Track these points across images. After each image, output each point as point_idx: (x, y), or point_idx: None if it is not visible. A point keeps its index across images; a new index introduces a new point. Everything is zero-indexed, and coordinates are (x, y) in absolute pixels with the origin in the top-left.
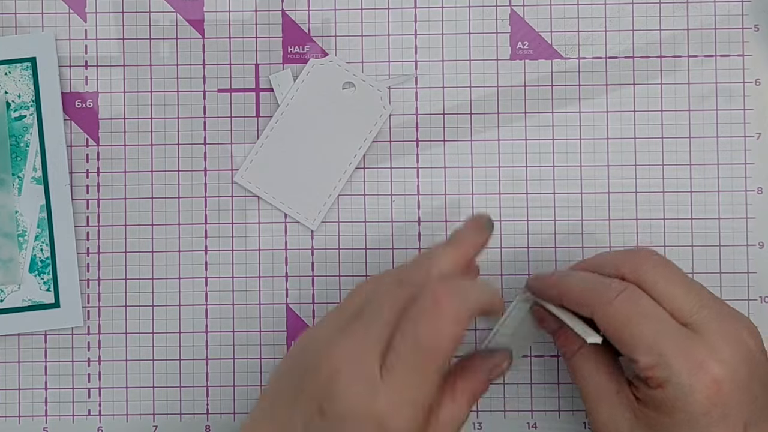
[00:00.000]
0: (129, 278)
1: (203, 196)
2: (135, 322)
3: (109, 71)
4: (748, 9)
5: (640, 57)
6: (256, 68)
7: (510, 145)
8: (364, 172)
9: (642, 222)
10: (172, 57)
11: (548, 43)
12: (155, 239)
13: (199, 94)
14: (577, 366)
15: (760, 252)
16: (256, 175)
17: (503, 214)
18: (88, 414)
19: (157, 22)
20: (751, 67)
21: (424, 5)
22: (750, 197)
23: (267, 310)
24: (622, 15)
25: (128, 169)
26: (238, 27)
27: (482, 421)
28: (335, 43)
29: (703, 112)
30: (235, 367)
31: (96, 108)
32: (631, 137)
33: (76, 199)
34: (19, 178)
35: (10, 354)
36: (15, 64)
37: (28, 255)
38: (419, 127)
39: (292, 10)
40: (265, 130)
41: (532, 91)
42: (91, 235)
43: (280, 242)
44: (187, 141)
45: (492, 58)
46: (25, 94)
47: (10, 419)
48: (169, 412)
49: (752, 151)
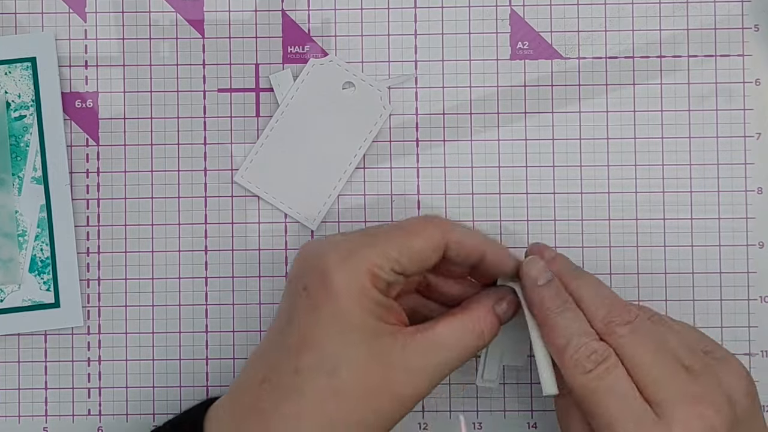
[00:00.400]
0: (129, 278)
1: (203, 196)
2: (135, 322)
3: (109, 71)
4: (748, 9)
5: (640, 57)
6: (256, 68)
7: (510, 145)
8: (364, 172)
9: (642, 222)
10: (172, 57)
11: (548, 43)
12: (155, 239)
13: (199, 94)
14: (561, 407)
15: (760, 252)
16: (256, 175)
17: (503, 214)
18: (88, 414)
19: (157, 22)
20: (751, 67)
21: (424, 5)
22: (750, 197)
23: (267, 310)
24: (622, 15)
25: (128, 169)
26: (238, 27)
27: (482, 421)
28: (335, 43)
29: (703, 112)
30: (235, 367)
31: (96, 108)
32: (631, 137)
33: (76, 199)
34: (19, 178)
35: (10, 354)
36: (15, 64)
37: (28, 255)
38: (419, 127)
39: (292, 10)
40: (265, 130)
41: (532, 91)
42: (91, 235)
43: (280, 242)
44: (187, 141)
45: (492, 58)
46: (25, 94)
47: (10, 419)
48: (169, 412)
49: (752, 151)
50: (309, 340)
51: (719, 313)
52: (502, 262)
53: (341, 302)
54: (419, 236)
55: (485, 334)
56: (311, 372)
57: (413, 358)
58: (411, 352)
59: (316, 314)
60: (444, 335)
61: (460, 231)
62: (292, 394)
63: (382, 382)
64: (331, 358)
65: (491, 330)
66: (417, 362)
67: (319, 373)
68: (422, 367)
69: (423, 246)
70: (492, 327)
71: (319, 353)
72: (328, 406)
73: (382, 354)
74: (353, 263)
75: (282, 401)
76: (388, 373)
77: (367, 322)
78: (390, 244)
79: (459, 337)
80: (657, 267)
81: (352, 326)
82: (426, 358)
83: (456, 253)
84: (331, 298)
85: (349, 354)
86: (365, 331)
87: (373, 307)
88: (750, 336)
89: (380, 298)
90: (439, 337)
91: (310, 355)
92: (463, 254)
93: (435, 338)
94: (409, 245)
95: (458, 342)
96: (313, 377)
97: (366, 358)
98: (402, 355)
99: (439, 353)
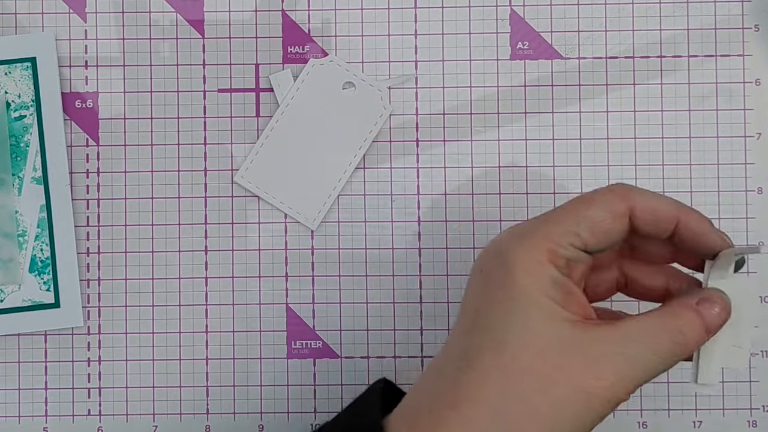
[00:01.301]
0: (129, 278)
1: (203, 196)
2: (135, 322)
3: (109, 71)
4: (748, 9)
5: (640, 57)
6: (256, 68)
7: (510, 145)
8: (364, 172)
9: None
10: (172, 57)
11: (548, 43)
12: (155, 239)
13: (199, 94)
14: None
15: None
16: (256, 175)
17: (503, 214)
18: (88, 414)
19: (157, 22)
20: (751, 67)
21: (424, 5)
22: (750, 197)
23: (267, 310)
24: (622, 15)
25: (128, 169)
26: (238, 27)
27: None
28: (335, 43)
29: (703, 112)
30: (235, 367)
31: (96, 108)
32: (631, 137)
33: (76, 199)
34: (19, 178)
35: (10, 354)
36: (15, 64)
37: (28, 255)
38: (419, 127)
39: (292, 10)
40: (265, 130)
41: (532, 91)
42: (91, 235)
43: (280, 242)
44: (187, 141)
45: (492, 58)
46: (25, 94)
47: (10, 419)
48: (169, 412)
49: (752, 151)
50: (477, 318)
51: None
52: (703, 232)
53: (513, 275)
54: (597, 205)
55: (684, 329)
56: (476, 351)
57: (593, 346)
58: (592, 339)
59: (486, 289)
60: (632, 327)
61: (647, 195)
62: (457, 375)
63: (557, 369)
64: (498, 334)
65: (692, 328)
66: (597, 350)
67: (483, 351)
68: (604, 356)
69: (602, 215)
70: (692, 324)
71: (485, 330)
72: (492, 390)
73: (558, 337)
74: (530, 239)
75: (445, 384)
76: (565, 361)
77: (542, 301)
78: (565, 215)
79: (651, 331)
80: None
81: (524, 301)
82: (608, 347)
83: (644, 221)
84: (503, 272)
85: (517, 329)
86: (540, 309)
87: (548, 286)
88: None
89: (558, 277)
90: (626, 328)
91: (476, 334)
92: (652, 222)
93: (621, 329)
94: (587, 215)
95: (650, 336)
96: (478, 356)
97: (538, 335)
98: (581, 341)
99: (625, 345)
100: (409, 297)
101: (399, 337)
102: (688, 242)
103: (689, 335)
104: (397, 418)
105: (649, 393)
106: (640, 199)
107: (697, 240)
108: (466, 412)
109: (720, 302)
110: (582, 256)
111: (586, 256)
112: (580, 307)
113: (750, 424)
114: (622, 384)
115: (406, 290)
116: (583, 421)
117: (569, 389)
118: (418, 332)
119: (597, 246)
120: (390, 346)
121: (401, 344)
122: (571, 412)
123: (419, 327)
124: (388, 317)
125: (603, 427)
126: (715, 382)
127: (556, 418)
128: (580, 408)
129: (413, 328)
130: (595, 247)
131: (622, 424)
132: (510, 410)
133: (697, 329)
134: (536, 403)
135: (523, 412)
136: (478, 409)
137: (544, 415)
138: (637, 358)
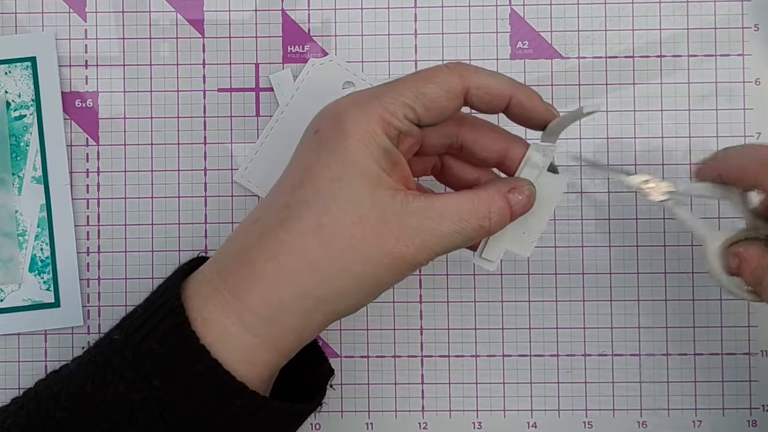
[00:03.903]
0: (129, 278)
1: (203, 196)
2: None
3: (109, 71)
4: (748, 9)
5: (640, 57)
6: (256, 68)
7: None
8: None
9: (642, 222)
10: (172, 57)
11: (548, 43)
12: (155, 239)
13: (199, 94)
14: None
15: None
16: (256, 174)
17: None
18: None
19: (157, 22)
20: (751, 67)
21: (424, 5)
22: None
23: None
24: (622, 15)
25: (128, 169)
26: (238, 27)
27: (482, 420)
28: (335, 43)
29: (703, 112)
30: None
31: (96, 108)
32: (631, 137)
33: (76, 198)
34: (19, 178)
35: (10, 354)
36: (15, 63)
37: (28, 254)
38: None
39: (292, 10)
40: (265, 130)
41: None
42: (91, 235)
43: None
44: (187, 141)
45: (492, 57)
46: (25, 94)
47: None
48: None
49: None
50: (306, 176)
51: (719, 312)
52: (533, 106)
53: (347, 141)
54: (434, 81)
55: (492, 216)
56: (300, 207)
57: (410, 217)
58: (409, 210)
59: (319, 150)
60: (447, 205)
61: (482, 74)
62: (278, 229)
63: (374, 233)
64: (323, 196)
65: (500, 215)
66: (413, 222)
67: (308, 209)
68: (418, 228)
69: (438, 92)
70: (501, 211)
71: (312, 190)
72: (312, 245)
73: (379, 204)
74: (365, 107)
75: (265, 236)
76: (382, 226)
77: (370, 168)
78: (404, 89)
79: (463, 211)
80: (657, 267)
81: (354, 168)
82: (423, 221)
83: (478, 98)
84: (337, 137)
85: (343, 194)
86: (366, 176)
87: (379, 155)
88: (750, 336)
89: (388, 146)
90: (441, 205)
91: (303, 192)
92: (487, 99)
93: (437, 205)
94: (424, 91)
95: (461, 216)
96: (301, 213)
97: (360, 203)
98: (399, 211)
99: (439, 221)
100: (409, 297)
101: (399, 336)
102: (519, 117)
103: (495, 220)
104: (206, 273)
105: (649, 393)
106: (475, 77)
107: (528, 114)
108: (285, 265)
109: (527, 191)
110: (414, 129)
111: (417, 130)
112: (403, 177)
113: (750, 423)
114: (426, 252)
115: (406, 290)
116: (386, 279)
117: (379, 251)
118: (418, 332)
119: (430, 121)
120: (390, 346)
121: (401, 344)
122: (378, 271)
123: (419, 327)
124: (388, 317)
125: (603, 427)
126: (496, 260)
127: (365, 274)
128: (385, 268)
129: (413, 328)
130: (428, 121)
131: (622, 423)
132: (327, 267)
133: (504, 216)
134: (350, 260)
135: (338, 269)
136: (297, 263)
137: (356, 272)
138: (446, 235)
